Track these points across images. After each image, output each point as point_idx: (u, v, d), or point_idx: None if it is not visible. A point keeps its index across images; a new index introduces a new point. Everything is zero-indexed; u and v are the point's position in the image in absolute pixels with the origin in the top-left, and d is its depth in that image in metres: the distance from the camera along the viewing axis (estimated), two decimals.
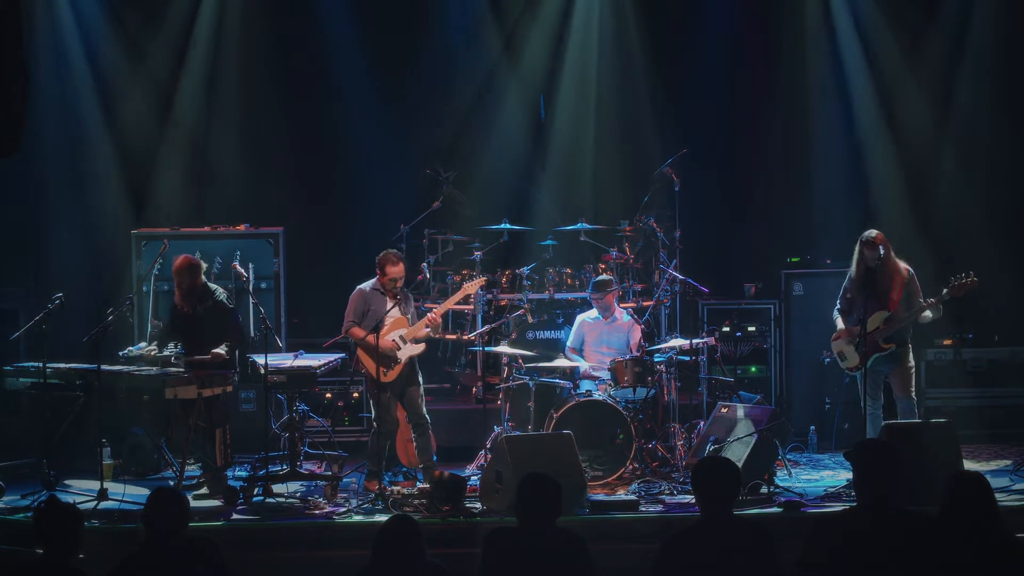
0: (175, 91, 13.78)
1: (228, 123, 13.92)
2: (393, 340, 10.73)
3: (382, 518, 8.80)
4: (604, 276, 12.29)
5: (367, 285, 10.93)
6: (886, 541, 6.05)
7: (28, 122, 12.87)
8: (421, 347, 10.94)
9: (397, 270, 10.75)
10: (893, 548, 6.03)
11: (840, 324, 10.89)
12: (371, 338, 10.53)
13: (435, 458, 10.96)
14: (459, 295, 11.35)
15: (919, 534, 6.06)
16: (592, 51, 14.21)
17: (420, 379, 11.02)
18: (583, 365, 11.82)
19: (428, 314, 10.96)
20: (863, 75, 13.99)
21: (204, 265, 10.94)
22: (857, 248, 10.72)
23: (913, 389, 10.88)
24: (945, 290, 10.42)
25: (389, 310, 10.74)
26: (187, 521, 6.56)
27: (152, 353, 10.85)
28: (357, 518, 9.79)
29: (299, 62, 14.10)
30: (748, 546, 6.21)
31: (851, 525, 6.22)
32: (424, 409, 10.96)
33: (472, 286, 11.37)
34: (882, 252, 10.54)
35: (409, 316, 10.92)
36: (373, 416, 10.96)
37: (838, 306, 10.99)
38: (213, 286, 11.01)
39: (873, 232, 10.66)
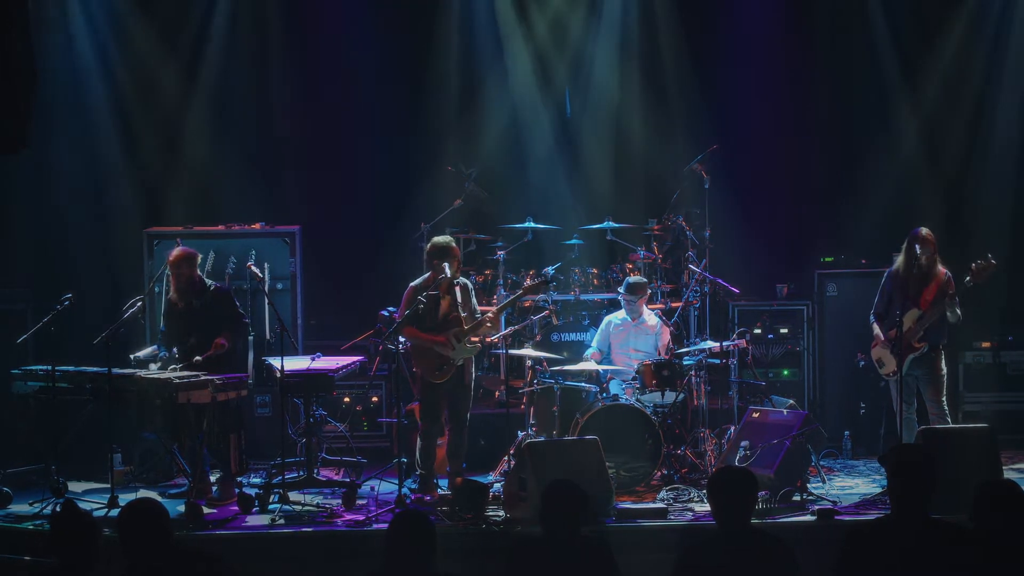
0: (188, 89, 13.65)
1: (243, 119, 13.80)
2: (447, 340, 10.49)
3: None
4: (639, 278, 11.98)
5: (419, 282, 10.69)
6: (921, 549, 5.96)
7: (38, 119, 12.82)
8: (476, 347, 10.78)
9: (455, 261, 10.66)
10: (928, 556, 5.93)
11: (877, 330, 10.83)
12: (425, 337, 10.44)
13: (464, 464, 10.82)
14: (520, 294, 11.23)
15: (955, 542, 5.97)
16: (620, 46, 14.05)
17: (472, 381, 10.85)
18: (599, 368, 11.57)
19: (485, 315, 10.81)
20: (899, 73, 13.85)
21: (200, 256, 10.80)
22: (907, 243, 10.66)
23: (944, 396, 10.75)
24: (968, 278, 10.35)
25: (443, 307, 10.57)
26: (169, 532, 6.09)
27: (156, 358, 10.65)
28: (377, 527, 9.51)
29: (317, 57, 13.96)
30: (768, 560, 6.10)
31: (886, 533, 6.13)
32: (468, 413, 10.81)
33: (536, 287, 11.28)
34: (921, 251, 10.48)
35: (466, 314, 10.66)
36: (418, 418, 10.84)
37: (874, 310, 10.93)
38: (207, 280, 10.89)
39: (925, 229, 10.63)
